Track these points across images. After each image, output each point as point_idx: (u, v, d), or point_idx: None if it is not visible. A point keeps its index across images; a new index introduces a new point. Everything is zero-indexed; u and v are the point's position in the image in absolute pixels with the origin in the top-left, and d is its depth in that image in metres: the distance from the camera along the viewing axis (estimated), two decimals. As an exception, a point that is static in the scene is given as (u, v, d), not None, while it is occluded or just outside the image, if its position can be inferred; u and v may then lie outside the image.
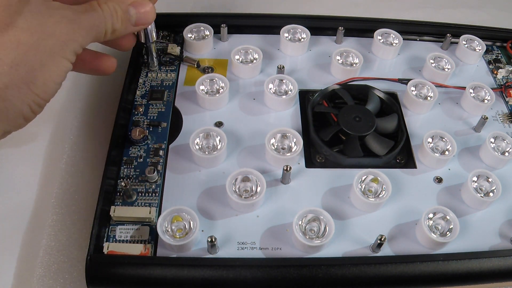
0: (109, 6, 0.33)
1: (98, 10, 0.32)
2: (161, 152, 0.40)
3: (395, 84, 0.47)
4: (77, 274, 0.36)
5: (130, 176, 0.38)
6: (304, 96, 0.45)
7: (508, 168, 0.41)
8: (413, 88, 0.45)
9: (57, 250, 0.38)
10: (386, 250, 0.35)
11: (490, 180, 0.38)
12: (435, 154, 0.40)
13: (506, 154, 0.41)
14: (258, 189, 0.36)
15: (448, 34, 0.51)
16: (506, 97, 0.47)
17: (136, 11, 0.35)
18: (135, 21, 0.36)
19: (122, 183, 0.37)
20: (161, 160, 0.39)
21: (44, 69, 0.29)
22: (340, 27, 0.50)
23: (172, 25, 0.50)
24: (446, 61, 0.48)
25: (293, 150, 0.39)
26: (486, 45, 0.51)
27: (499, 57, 0.51)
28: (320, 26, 0.51)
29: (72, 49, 0.30)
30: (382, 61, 0.50)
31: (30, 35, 0.28)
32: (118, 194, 0.37)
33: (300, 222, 0.35)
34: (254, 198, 0.36)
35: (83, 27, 0.31)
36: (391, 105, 0.44)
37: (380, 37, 0.50)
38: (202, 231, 0.35)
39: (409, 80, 0.46)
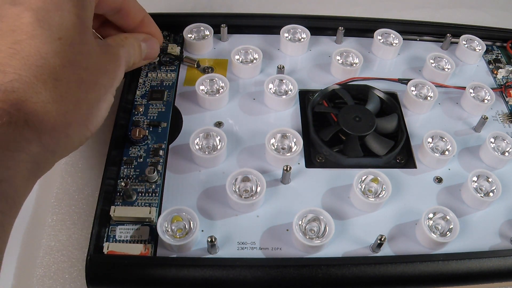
0: (130, 42, 0.36)
1: (126, 45, 0.35)
2: (161, 152, 0.40)
3: (395, 84, 0.47)
4: (77, 274, 0.36)
5: (130, 176, 0.38)
6: (304, 96, 0.45)
7: (508, 168, 0.41)
8: (413, 88, 0.45)
9: (57, 250, 0.38)
10: (386, 250, 0.35)
11: (490, 180, 0.38)
12: (435, 154, 0.40)
13: (506, 154, 0.41)
14: (258, 189, 0.36)
15: (448, 34, 0.51)
16: (506, 97, 0.47)
17: (147, 45, 0.39)
18: (145, 56, 0.39)
19: (122, 183, 0.37)
20: (161, 160, 0.39)
21: (99, 105, 0.31)
22: (340, 27, 0.50)
23: (172, 25, 0.50)
24: (446, 61, 0.48)
25: (293, 150, 0.39)
26: (486, 45, 0.51)
27: (499, 57, 0.51)
28: (320, 26, 0.51)
29: (117, 84, 0.32)
30: (382, 61, 0.50)
31: (90, 74, 0.29)
32: (118, 194, 0.37)
33: (300, 222, 0.35)
34: (254, 198, 0.36)
35: (107, 78, 0.32)
36: (391, 105, 0.44)
37: (380, 37, 0.50)
38: (202, 231, 0.35)
39: (409, 80, 0.46)
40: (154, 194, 0.37)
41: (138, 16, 0.39)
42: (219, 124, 0.42)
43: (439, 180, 0.40)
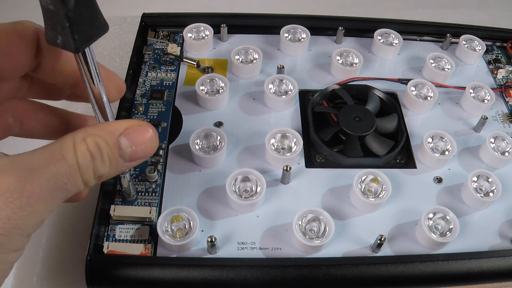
0: (89, 145, 0.23)
1: (69, 157, 0.22)
2: (161, 152, 0.40)
3: (395, 84, 0.47)
4: (77, 274, 0.36)
5: (130, 175, 0.38)
6: (304, 96, 0.45)
7: (508, 168, 0.41)
8: (413, 88, 0.45)
9: (57, 250, 0.38)
10: (386, 250, 0.35)
11: (490, 180, 0.38)
12: (435, 154, 0.40)
13: (506, 154, 0.41)
14: (258, 189, 0.36)
15: (448, 34, 0.51)
16: (506, 97, 0.47)
17: (130, 142, 0.24)
18: (129, 157, 0.25)
19: (122, 181, 0.36)
20: (161, 160, 0.39)
21: None
22: (340, 27, 0.50)
23: (172, 25, 0.50)
24: (446, 61, 0.48)
25: (293, 150, 0.39)
26: (486, 45, 0.51)
27: (499, 57, 0.51)
28: (320, 26, 0.51)
29: (24, 241, 0.21)
30: (382, 61, 0.50)
31: None
32: (118, 193, 0.37)
33: (300, 222, 0.35)
34: (254, 198, 0.36)
35: (39, 198, 0.21)
36: (391, 105, 0.44)
37: (380, 37, 0.50)
38: (202, 231, 0.35)
39: (409, 80, 0.46)
40: (154, 194, 0.37)
41: (72, 62, 0.25)
42: (219, 124, 0.42)
43: (439, 180, 0.40)
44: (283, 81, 0.44)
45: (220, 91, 0.43)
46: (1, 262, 0.21)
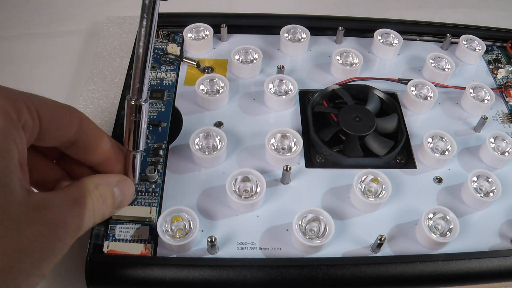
0: (100, 193, 0.28)
1: (88, 202, 0.27)
2: (161, 152, 0.40)
3: (395, 84, 0.47)
4: (77, 274, 0.36)
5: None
6: (304, 96, 0.45)
7: (508, 168, 0.41)
8: (413, 88, 0.45)
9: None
10: (386, 250, 0.35)
11: (490, 180, 0.38)
12: (435, 154, 0.40)
13: (506, 154, 0.41)
14: (258, 189, 0.36)
15: (448, 34, 0.51)
16: (506, 97, 0.47)
17: (121, 192, 0.30)
18: (118, 204, 0.30)
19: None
20: (161, 160, 0.39)
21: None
22: (340, 27, 0.50)
23: (172, 25, 0.50)
24: (446, 61, 0.48)
25: (293, 150, 0.39)
26: (486, 45, 0.51)
27: (499, 57, 0.51)
28: (320, 26, 0.51)
29: (51, 265, 0.24)
30: (382, 61, 0.50)
31: (3, 256, 0.21)
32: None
33: (300, 222, 0.35)
34: (254, 198, 0.36)
35: (68, 234, 0.25)
36: (391, 105, 0.44)
37: (380, 37, 0.50)
38: (202, 231, 0.35)
39: (409, 80, 0.46)
40: (154, 194, 0.37)
41: (103, 150, 0.30)
42: (219, 124, 0.42)
43: (439, 180, 0.40)
44: (283, 81, 0.44)
45: (220, 91, 0.43)
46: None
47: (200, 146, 0.39)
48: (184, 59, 0.47)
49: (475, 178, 0.38)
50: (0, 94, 0.23)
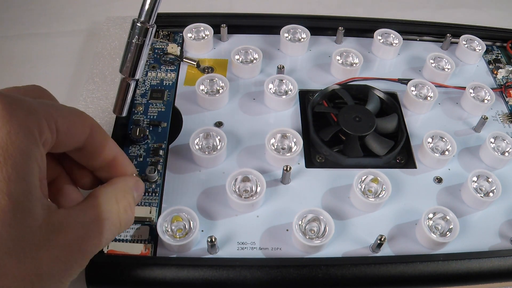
0: (124, 206, 0.27)
1: (113, 217, 0.26)
2: (161, 152, 0.40)
3: (395, 84, 0.47)
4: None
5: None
6: (304, 96, 0.45)
7: (508, 168, 0.41)
8: (413, 88, 0.45)
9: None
10: (386, 250, 0.35)
11: (490, 180, 0.38)
12: (435, 154, 0.40)
13: (506, 154, 0.41)
14: (258, 189, 0.36)
15: (448, 34, 0.51)
16: (506, 97, 0.47)
17: (138, 195, 0.30)
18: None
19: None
20: (161, 160, 0.39)
21: None
22: (340, 27, 0.50)
23: (172, 25, 0.50)
24: (446, 61, 0.48)
25: (293, 150, 0.39)
26: (486, 45, 0.51)
27: (499, 57, 0.51)
28: (320, 26, 0.51)
29: (68, 283, 0.24)
30: (382, 61, 0.50)
31: (22, 283, 0.22)
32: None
33: (300, 222, 0.35)
34: (254, 198, 0.36)
35: (85, 255, 0.25)
36: (391, 105, 0.44)
37: (380, 37, 0.50)
38: (202, 231, 0.35)
39: (409, 80, 0.46)
40: (154, 194, 0.37)
41: (108, 154, 0.30)
42: (219, 124, 0.42)
43: (439, 180, 0.40)
44: (283, 81, 0.44)
45: (220, 91, 0.43)
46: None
47: (200, 146, 0.39)
48: (184, 59, 0.47)
49: (475, 178, 0.38)
50: (21, 109, 0.23)
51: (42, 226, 0.22)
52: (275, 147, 0.40)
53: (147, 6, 0.29)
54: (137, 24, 0.29)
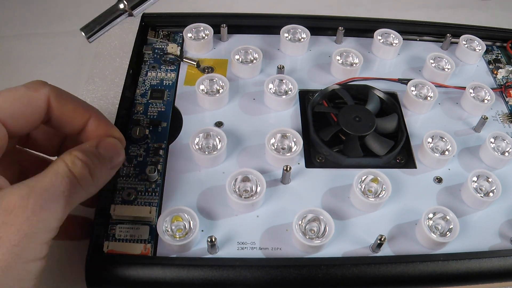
0: (77, 155, 0.27)
1: (61, 169, 0.26)
2: (161, 152, 0.40)
3: (395, 84, 0.47)
4: (77, 274, 0.36)
5: (130, 174, 0.38)
6: (304, 96, 0.45)
7: (508, 168, 0.41)
8: (413, 88, 0.45)
9: (57, 249, 0.38)
10: (386, 250, 0.35)
11: (490, 180, 0.38)
12: (435, 154, 0.40)
13: (506, 154, 0.41)
14: (258, 189, 0.36)
15: (448, 34, 0.51)
16: (506, 97, 0.47)
17: (106, 149, 0.30)
18: (112, 164, 0.30)
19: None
20: (161, 160, 0.39)
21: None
22: (340, 27, 0.50)
23: (172, 25, 0.50)
24: (446, 61, 0.48)
25: (293, 150, 0.39)
26: (486, 45, 0.51)
27: (499, 57, 0.51)
28: (320, 26, 0.51)
29: (32, 250, 0.24)
30: (382, 61, 0.50)
31: None
32: (118, 192, 0.37)
33: (300, 222, 0.35)
34: (254, 198, 0.36)
35: (42, 207, 0.24)
36: (391, 105, 0.44)
37: (380, 37, 0.50)
38: (202, 231, 0.35)
39: (409, 80, 0.46)
40: (154, 194, 0.37)
41: (79, 118, 0.30)
42: (219, 124, 0.42)
43: (439, 180, 0.40)
44: (283, 81, 0.44)
45: (220, 91, 0.43)
46: (21, 270, 0.24)
47: (200, 146, 0.39)
48: (184, 59, 0.47)
49: (475, 178, 0.38)
50: None
51: None
52: (275, 147, 0.40)
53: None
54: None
